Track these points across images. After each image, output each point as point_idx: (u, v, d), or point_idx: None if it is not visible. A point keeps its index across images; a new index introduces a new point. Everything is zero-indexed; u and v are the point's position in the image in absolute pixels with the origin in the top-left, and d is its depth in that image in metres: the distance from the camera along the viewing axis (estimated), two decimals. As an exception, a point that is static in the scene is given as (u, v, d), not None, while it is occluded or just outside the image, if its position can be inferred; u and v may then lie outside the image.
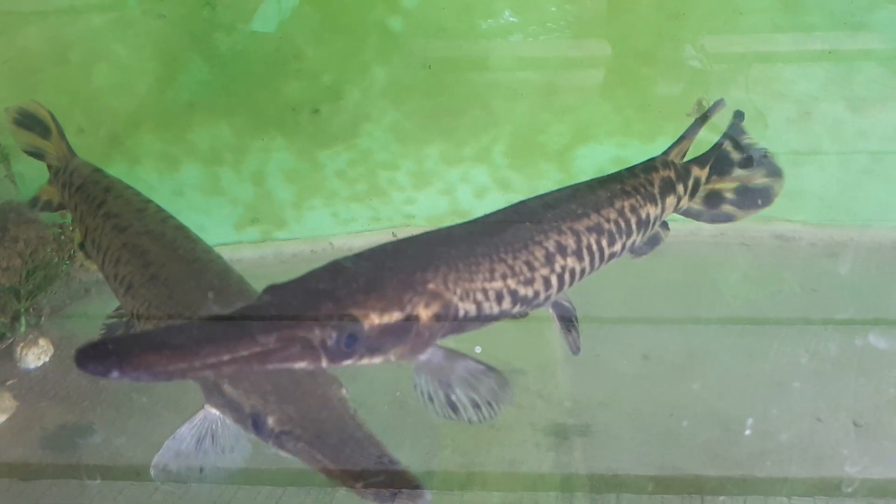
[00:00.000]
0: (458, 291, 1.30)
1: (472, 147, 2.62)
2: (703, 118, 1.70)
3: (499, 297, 1.35)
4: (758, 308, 2.26)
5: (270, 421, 1.42)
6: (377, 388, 2.01)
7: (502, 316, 1.38)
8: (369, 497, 1.36)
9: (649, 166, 1.65)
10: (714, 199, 1.73)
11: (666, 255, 1.78)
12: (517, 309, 1.40)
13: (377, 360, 1.25)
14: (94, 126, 2.49)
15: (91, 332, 2.27)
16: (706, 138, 1.73)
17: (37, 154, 1.91)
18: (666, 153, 1.70)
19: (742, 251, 2.60)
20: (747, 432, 1.91)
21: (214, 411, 1.57)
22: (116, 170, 2.56)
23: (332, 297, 1.21)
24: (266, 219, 2.67)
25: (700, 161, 1.72)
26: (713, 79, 2.42)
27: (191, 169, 2.58)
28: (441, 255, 1.32)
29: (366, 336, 1.20)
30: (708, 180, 1.72)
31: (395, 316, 1.23)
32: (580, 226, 1.47)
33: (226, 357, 1.10)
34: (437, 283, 1.28)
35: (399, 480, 1.39)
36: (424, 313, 1.25)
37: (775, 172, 1.73)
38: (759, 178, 1.73)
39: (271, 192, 2.62)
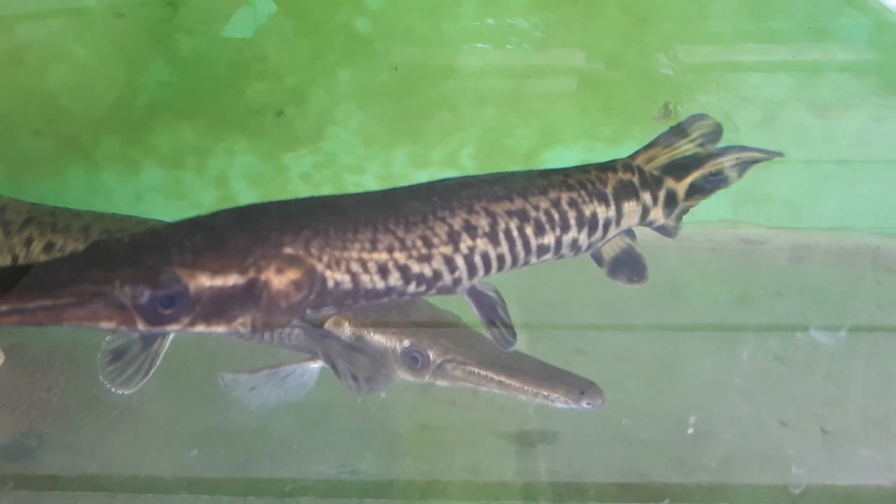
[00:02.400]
0: (325, 259, 1.23)
1: (439, 150, 2.60)
2: (680, 130, 1.64)
3: (382, 271, 1.28)
4: (724, 312, 2.26)
5: (432, 355, 1.61)
6: (338, 393, 1.97)
7: (397, 293, 1.32)
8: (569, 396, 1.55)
9: (606, 166, 1.60)
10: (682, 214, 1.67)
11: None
12: (414, 288, 1.33)
13: (220, 328, 1.18)
14: (51, 128, 2.43)
15: (43, 339, 2.22)
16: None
17: None
18: (631, 157, 1.65)
19: (709, 255, 2.60)
20: (690, 430, 1.89)
21: (312, 365, 1.69)
22: (74, 173, 2.52)
23: (158, 252, 1.13)
24: (229, 223, 2.63)
25: (677, 173, 1.64)
26: (684, 86, 2.42)
27: (151, 172, 2.53)
28: (310, 219, 1.25)
29: (192, 299, 1.12)
30: (690, 197, 1.65)
31: (232, 279, 1.14)
32: (498, 208, 1.40)
33: (15, 309, 1.04)
34: (297, 247, 1.21)
35: (576, 381, 1.61)
36: (277, 279, 1.18)
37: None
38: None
39: (234, 196, 2.58)
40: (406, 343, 1.64)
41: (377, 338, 1.66)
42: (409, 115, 2.54)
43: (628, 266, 1.62)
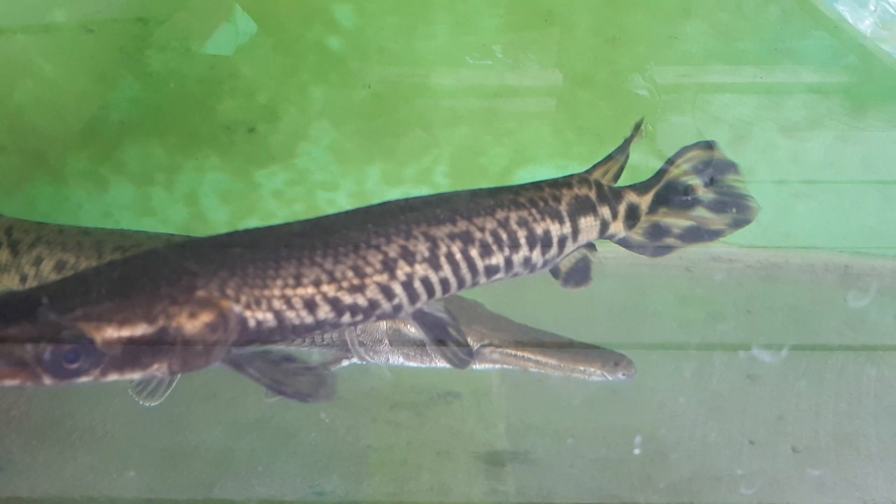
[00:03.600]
0: (243, 299, 1.22)
1: (413, 168, 2.60)
2: (628, 141, 1.65)
3: (310, 306, 1.27)
4: (695, 330, 2.26)
5: (470, 340, 1.71)
6: (306, 414, 1.95)
7: (330, 325, 1.31)
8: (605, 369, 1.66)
9: (561, 182, 1.59)
10: (659, 232, 1.66)
11: (604, 278, 1.75)
12: (350, 318, 1.32)
13: (135, 375, 1.17)
14: (17, 144, 2.40)
15: None
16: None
17: None
18: (588, 171, 1.64)
19: (680, 273, 2.61)
20: (636, 451, 1.89)
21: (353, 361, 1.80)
22: (41, 190, 2.49)
23: (63, 304, 1.12)
24: (199, 240, 2.60)
25: (638, 187, 1.64)
26: (656, 105, 2.44)
27: (120, 189, 2.50)
28: (229, 259, 1.24)
29: (100, 351, 1.11)
30: (653, 211, 1.64)
31: (140, 328, 1.14)
32: (439, 231, 1.40)
33: None
34: (211, 289, 1.19)
35: (609, 355, 1.70)
36: (190, 324, 1.17)
37: (743, 207, 1.64)
38: (722, 218, 1.65)
39: (205, 213, 2.55)
40: None
41: (414, 329, 1.75)
42: (383, 132, 2.54)
43: (579, 273, 1.62)
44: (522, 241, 1.49)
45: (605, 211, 1.60)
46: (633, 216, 1.64)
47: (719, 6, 2.28)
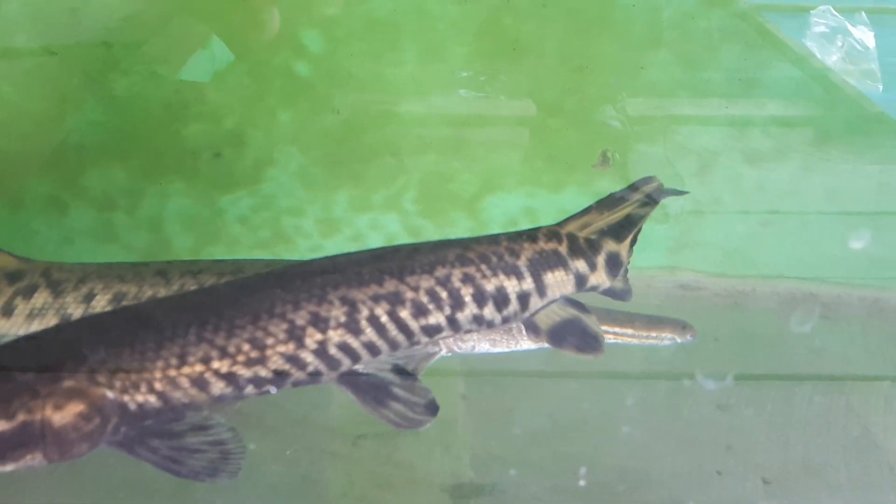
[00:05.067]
0: (118, 384, 1.18)
1: (381, 194, 2.58)
2: (618, 196, 1.61)
3: (201, 384, 1.22)
4: (663, 359, 2.26)
5: None
6: (269, 447, 1.90)
7: (232, 398, 1.26)
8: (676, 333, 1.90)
9: (524, 235, 1.55)
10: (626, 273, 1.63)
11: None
12: (254, 389, 1.26)
13: (7, 468, 1.15)
14: (-27, 167, 2.35)
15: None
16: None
17: None
18: (560, 224, 1.60)
19: (648, 301, 2.60)
20: (581, 483, 1.87)
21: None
22: (-3, 214, 2.43)
23: None
24: (162, 267, 2.55)
25: (616, 234, 1.60)
26: (623, 135, 2.46)
27: (81, 214, 2.44)
28: (102, 343, 1.20)
29: None
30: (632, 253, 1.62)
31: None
32: (360, 294, 1.33)
33: None
34: (79, 378, 1.16)
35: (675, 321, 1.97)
36: (58, 416, 1.14)
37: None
38: None
39: (168, 239, 2.51)
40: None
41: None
42: (351, 158, 2.53)
43: (575, 336, 1.58)
44: (468, 299, 1.44)
45: (579, 265, 1.56)
46: (614, 265, 1.60)
47: (685, 37, 2.32)
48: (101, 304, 1.69)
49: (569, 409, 2.13)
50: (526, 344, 1.89)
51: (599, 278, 1.59)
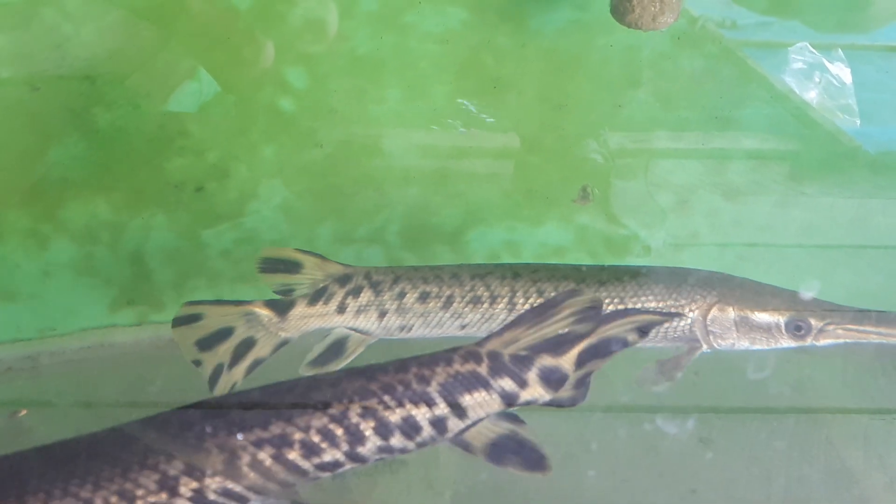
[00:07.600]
0: None
1: (365, 227, 2.59)
2: (547, 307, 1.54)
3: None
4: (645, 394, 2.26)
5: (813, 321, 2.00)
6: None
7: None
8: None
9: (438, 358, 1.50)
10: (586, 379, 1.58)
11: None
12: None
13: None
14: (-47, 200, 2.34)
15: None
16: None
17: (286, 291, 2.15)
18: (480, 343, 1.53)
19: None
20: None
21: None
22: (-24, 247, 2.41)
23: None
24: (143, 300, 2.53)
25: (553, 349, 1.53)
26: (603, 170, 2.49)
27: (62, 247, 2.43)
28: None
29: None
30: (581, 365, 1.55)
31: None
32: (241, 440, 1.31)
33: None
34: None
35: None
36: None
37: None
38: None
39: (150, 273, 2.50)
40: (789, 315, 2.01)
41: (763, 315, 2.02)
42: (334, 192, 2.54)
43: (514, 453, 1.53)
44: (368, 433, 1.42)
45: (504, 383, 1.51)
46: (554, 379, 1.54)
47: (660, 76, 2.36)
48: (410, 300, 2.04)
49: (548, 441, 2.11)
50: (786, 342, 2.04)
51: (535, 393, 1.53)
